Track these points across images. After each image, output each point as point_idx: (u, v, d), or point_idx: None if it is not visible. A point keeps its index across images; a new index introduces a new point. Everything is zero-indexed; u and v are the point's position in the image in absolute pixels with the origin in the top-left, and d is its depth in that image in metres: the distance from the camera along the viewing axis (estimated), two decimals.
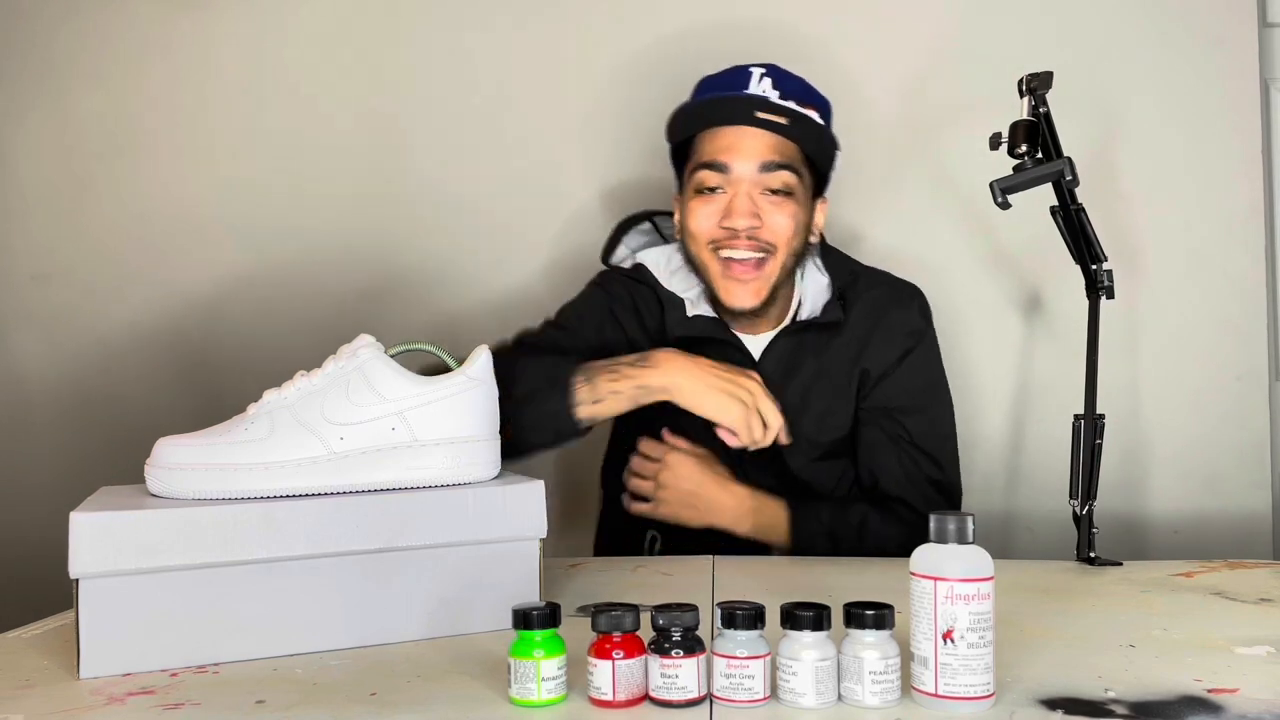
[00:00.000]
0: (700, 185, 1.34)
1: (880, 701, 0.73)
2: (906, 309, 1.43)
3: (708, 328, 1.39)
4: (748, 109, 1.32)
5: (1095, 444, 1.31)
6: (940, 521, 0.74)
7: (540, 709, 0.75)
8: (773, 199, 1.32)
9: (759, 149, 1.32)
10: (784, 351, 1.40)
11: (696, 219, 1.35)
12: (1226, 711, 0.72)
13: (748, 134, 1.32)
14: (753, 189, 1.32)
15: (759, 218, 1.32)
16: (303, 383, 0.97)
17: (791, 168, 1.33)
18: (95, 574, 0.84)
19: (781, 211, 1.33)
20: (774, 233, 1.33)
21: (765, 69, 1.35)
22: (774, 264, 1.34)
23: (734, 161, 1.32)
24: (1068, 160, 1.29)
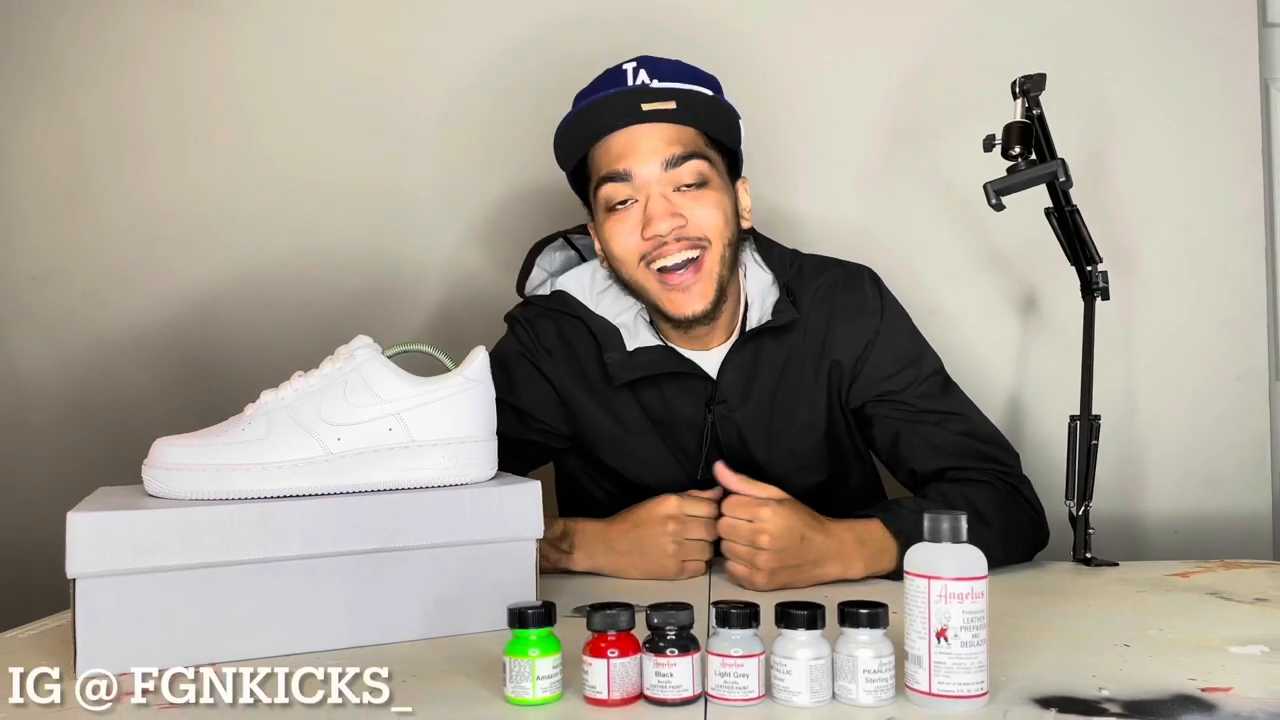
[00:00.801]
0: (609, 202, 1.22)
1: (874, 700, 0.73)
2: (858, 289, 1.32)
3: (654, 361, 1.28)
4: (631, 103, 1.19)
5: (1091, 445, 1.31)
6: (934, 521, 0.75)
7: (535, 708, 0.75)
8: (690, 194, 1.20)
9: (658, 145, 1.20)
10: (742, 364, 1.29)
11: (618, 240, 1.22)
12: (1220, 710, 0.72)
13: (640, 133, 1.20)
14: (664, 189, 1.20)
15: (681, 215, 1.20)
16: (300, 383, 0.97)
17: (699, 154, 1.21)
18: (92, 574, 0.85)
19: (703, 203, 1.21)
20: (701, 226, 1.21)
21: (637, 61, 1.22)
22: (712, 258, 1.22)
23: (635, 166, 1.20)
24: (1061, 161, 1.29)
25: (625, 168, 1.20)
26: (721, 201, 1.23)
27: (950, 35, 1.77)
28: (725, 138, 1.26)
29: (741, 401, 1.29)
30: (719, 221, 1.22)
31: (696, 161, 1.21)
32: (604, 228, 1.24)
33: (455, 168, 1.84)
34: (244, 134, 1.86)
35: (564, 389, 1.33)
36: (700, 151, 1.21)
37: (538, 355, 1.33)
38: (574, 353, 1.32)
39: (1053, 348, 1.72)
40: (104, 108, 1.87)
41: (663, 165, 1.20)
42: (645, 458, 1.32)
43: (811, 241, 1.61)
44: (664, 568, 1.17)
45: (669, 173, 1.20)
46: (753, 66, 1.77)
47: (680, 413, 1.30)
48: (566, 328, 1.33)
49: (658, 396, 1.30)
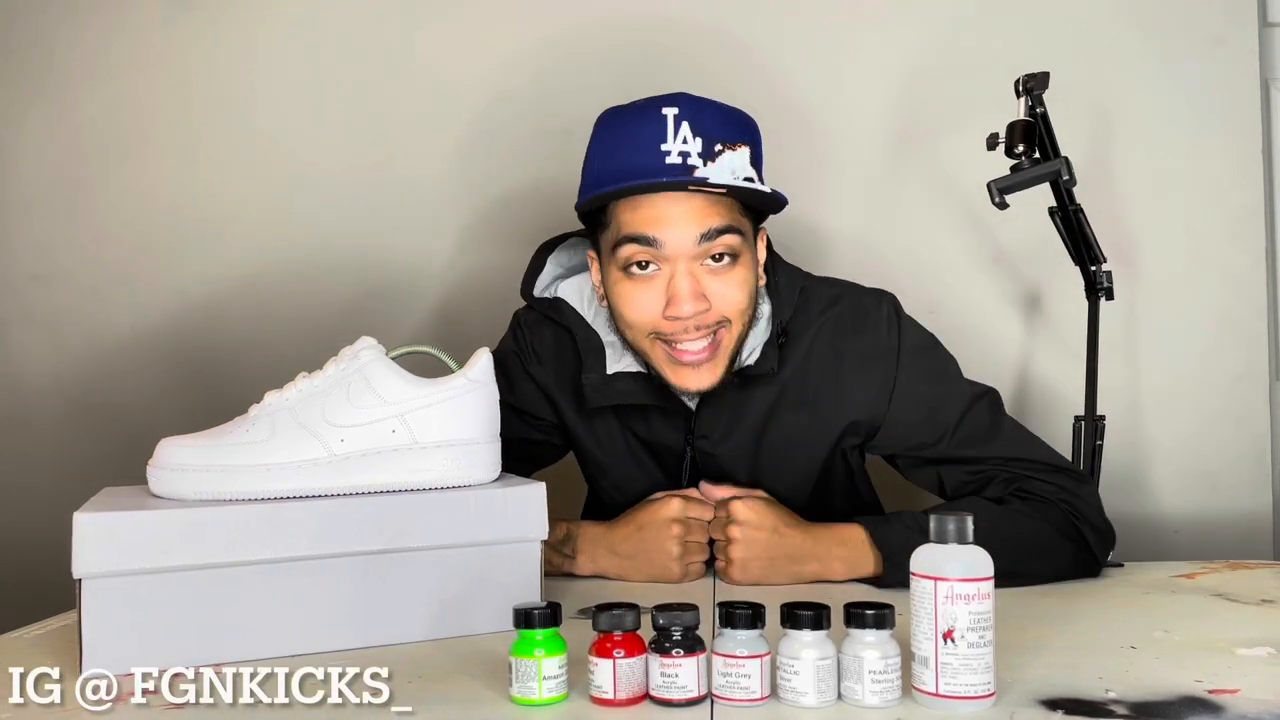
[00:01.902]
0: (628, 262, 1.12)
1: (880, 701, 0.73)
2: (870, 329, 1.23)
3: (629, 391, 1.22)
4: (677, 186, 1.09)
5: (1095, 445, 1.31)
6: (940, 521, 0.75)
7: (541, 708, 0.75)
8: (716, 268, 1.12)
9: (696, 216, 1.10)
10: (723, 403, 1.22)
11: (633, 307, 1.14)
12: (1227, 712, 0.72)
13: (678, 199, 1.10)
14: (693, 264, 1.11)
15: (705, 299, 1.12)
16: (304, 384, 0.97)
17: (734, 229, 1.12)
18: (98, 574, 0.84)
19: (730, 282, 1.13)
20: (723, 309, 1.13)
21: (678, 109, 1.10)
22: (730, 337, 1.15)
23: (667, 235, 1.10)
24: (1064, 160, 1.30)
25: (655, 235, 1.10)
26: (748, 280, 1.15)
27: (953, 35, 1.77)
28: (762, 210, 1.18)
29: (723, 439, 1.25)
30: (743, 302, 1.15)
31: (731, 236, 1.11)
32: (616, 287, 1.16)
33: (459, 168, 1.84)
34: (245, 134, 1.86)
35: (552, 397, 1.32)
36: (736, 225, 1.12)
37: (528, 359, 1.32)
38: (565, 364, 1.29)
39: (1056, 348, 1.72)
40: (104, 108, 1.86)
41: (698, 238, 1.10)
42: (620, 480, 1.31)
43: (813, 242, 1.61)
44: (668, 571, 1.17)
45: (702, 246, 1.11)
46: (754, 67, 1.77)
47: (662, 440, 1.28)
48: (562, 337, 1.30)
49: (642, 420, 1.28)
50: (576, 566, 1.20)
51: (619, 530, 1.20)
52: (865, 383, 1.22)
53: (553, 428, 1.35)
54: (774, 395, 1.23)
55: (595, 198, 1.12)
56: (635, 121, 1.12)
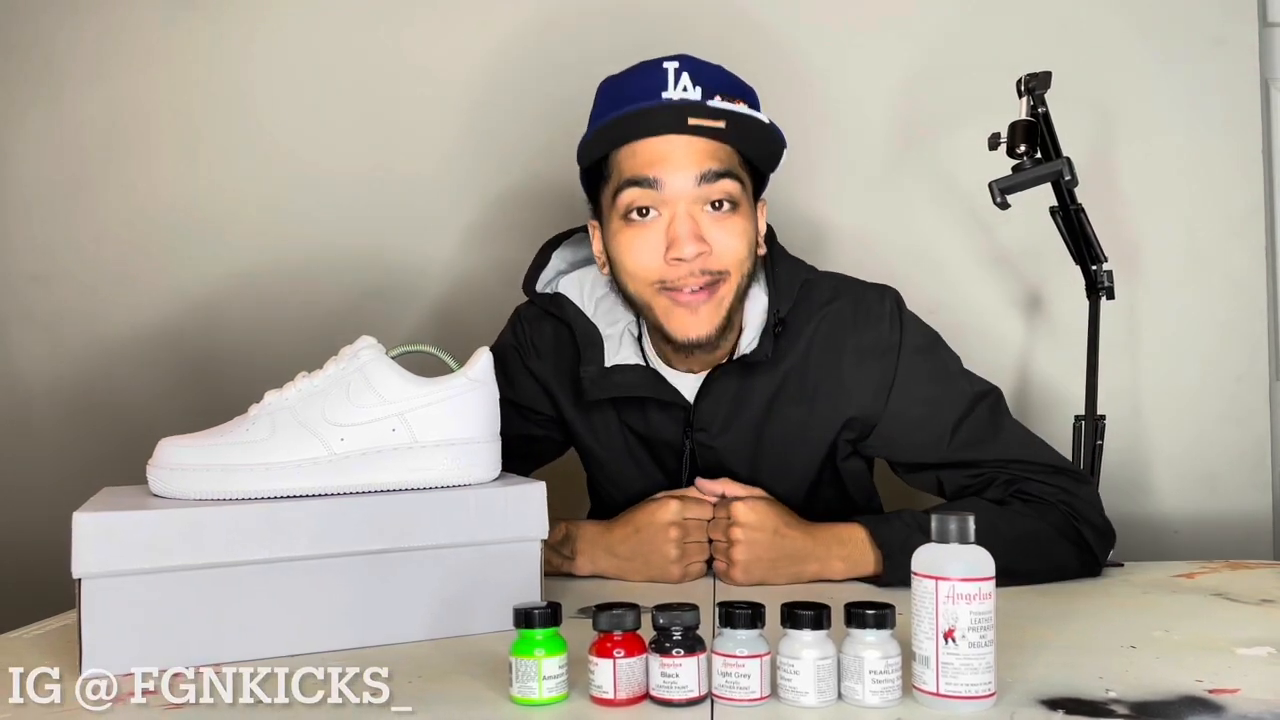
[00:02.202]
0: (629, 208, 1.13)
1: (881, 701, 0.73)
2: (871, 325, 1.22)
3: (628, 384, 1.22)
4: (679, 117, 1.10)
5: (1096, 445, 1.31)
6: (942, 521, 0.74)
7: (541, 707, 0.75)
8: (716, 215, 1.13)
9: (695, 156, 1.11)
10: (723, 393, 1.23)
11: (635, 255, 1.14)
12: (1227, 712, 0.72)
13: (678, 142, 1.11)
14: (693, 206, 1.12)
15: (706, 242, 1.12)
16: (304, 384, 0.97)
17: (733, 174, 1.13)
18: (98, 574, 0.84)
19: (729, 230, 1.13)
20: (723, 257, 1.13)
21: (679, 63, 1.12)
22: (727, 288, 1.15)
23: (667, 175, 1.11)
24: (1066, 160, 1.30)
25: (655, 175, 1.11)
26: (747, 230, 1.16)
27: (954, 35, 1.77)
28: (764, 164, 1.19)
29: (722, 431, 1.24)
30: (742, 253, 1.15)
31: (730, 181, 1.13)
32: (617, 237, 1.16)
33: (459, 167, 1.84)
34: (245, 133, 1.86)
35: (551, 391, 1.32)
36: (735, 171, 1.14)
37: (527, 353, 1.32)
38: (563, 359, 1.29)
39: (1057, 347, 1.72)
40: (104, 108, 1.86)
41: (697, 179, 1.11)
42: (618, 476, 1.31)
43: (814, 241, 1.61)
44: (666, 572, 1.17)
45: (701, 188, 1.12)
46: (755, 67, 1.77)
47: (660, 434, 1.27)
48: (562, 332, 1.30)
49: (639, 414, 1.27)
50: (575, 567, 1.20)
51: (617, 531, 1.19)
52: (864, 379, 1.21)
53: (552, 423, 1.34)
54: (773, 388, 1.23)
55: (597, 135, 1.13)
56: (636, 75, 1.15)
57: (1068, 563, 1.16)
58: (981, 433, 1.21)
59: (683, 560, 1.17)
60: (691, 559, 1.17)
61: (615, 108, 1.13)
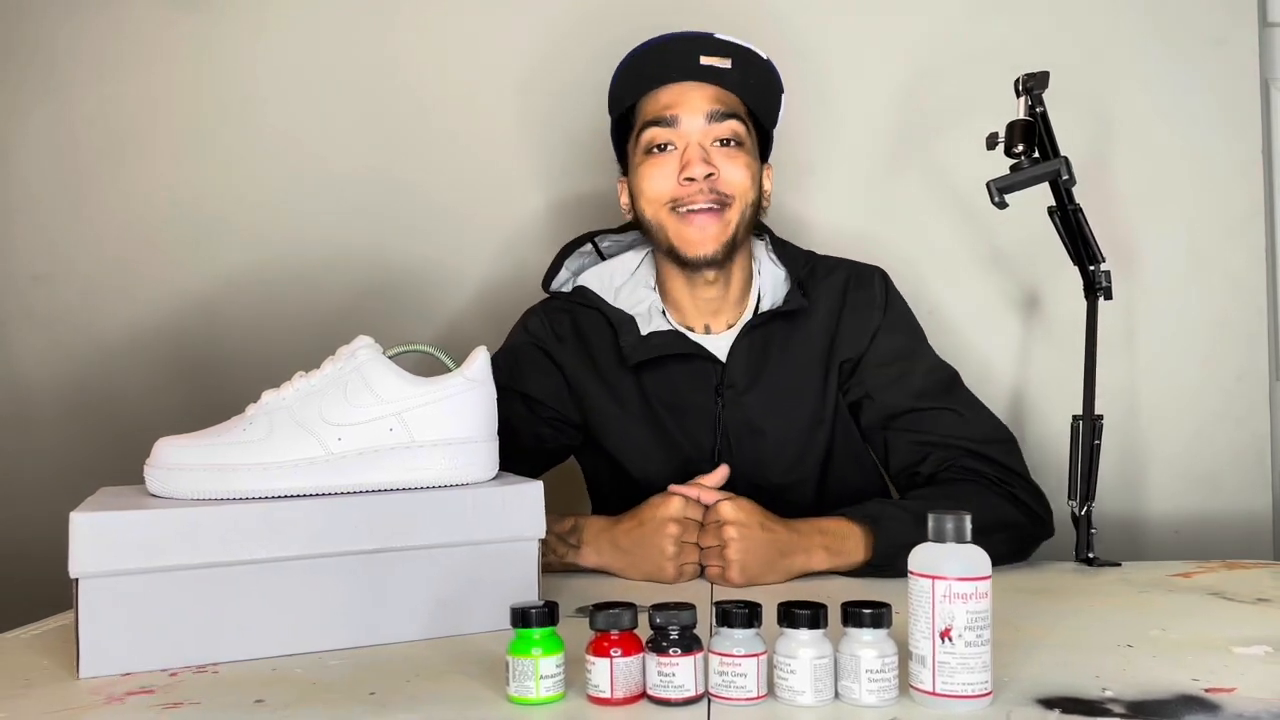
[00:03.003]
0: (650, 144, 1.31)
1: (877, 700, 0.73)
2: (867, 287, 1.39)
3: (665, 343, 1.34)
4: (690, 52, 1.31)
5: (1094, 445, 1.31)
6: (938, 520, 0.75)
7: (538, 707, 0.75)
8: (724, 150, 1.30)
9: (704, 100, 1.30)
10: (749, 348, 1.34)
11: (651, 180, 1.31)
12: (1223, 711, 0.72)
13: (691, 88, 1.31)
14: (704, 139, 1.30)
15: (714, 166, 1.29)
16: (301, 384, 0.97)
17: (738, 116, 1.31)
18: (95, 574, 0.84)
19: (735, 162, 1.30)
20: (730, 183, 1.30)
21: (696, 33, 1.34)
22: (733, 212, 1.30)
23: (682, 114, 1.30)
24: (1064, 159, 1.30)
25: (672, 114, 1.30)
26: (751, 165, 1.32)
27: (952, 34, 1.77)
28: (765, 112, 1.36)
29: (749, 385, 1.33)
30: (746, 182, 1.30)
31: (735, 122, 1.30)
32: (640, 169, 1.32)
33: (457, 166, 1.84)
34: (245, 133, 1.86)
35: (573, 375, 1.37)
36: (740, 114, 1.31)
37: (548, 342, 1.38)
38: (586, 342, 1.37)
39: (1055, 347, 1.72)
40: (104, 108, 1.86)
41: (706, 117, 1.29)
42: (646, 448, 1.35)
43: (814, 241, 1.61)
44: (662, 570, 1.17)
45: (711, 125, 1.29)
46: None
47: (690, 399, 1.34)
48: (582, 320, 1.38)
49: (667, 382, 1.34)
50: (580, 557, 1.21)
51: (623, 524, 1.20)
52: (856, 326, 1.36)
53: (563, 422, 1.38)
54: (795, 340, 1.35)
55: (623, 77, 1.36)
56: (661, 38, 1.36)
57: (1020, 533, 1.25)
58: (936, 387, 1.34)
59: (678, 559, 1.17)
60: (687, 558, 1.18)
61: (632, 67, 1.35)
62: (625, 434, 1.36)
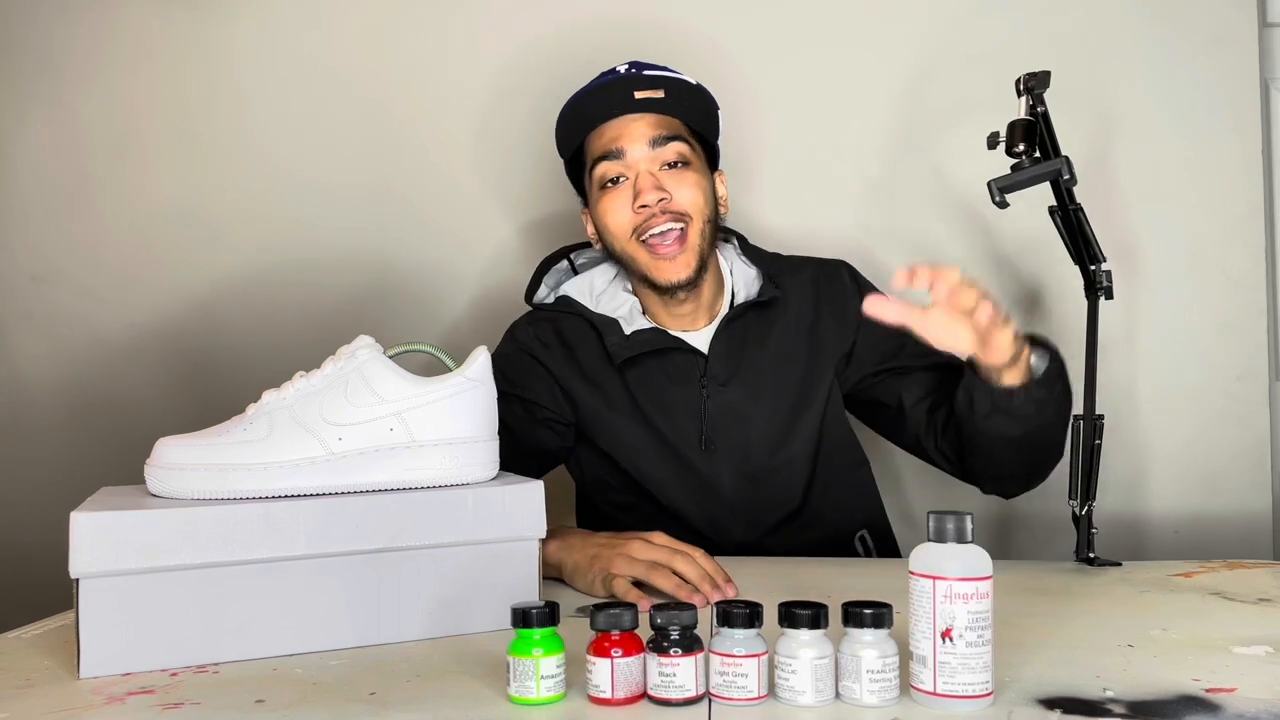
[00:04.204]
0: (603, 179, 1.36)
1: (878, 700, 0.73)
2: (837, 279, 1.45)
3: (649, 340, 1.38)
4: (626, 91, 1.35)
5: (1094, 444, 1.31)
6: (939, 521, 0.75)
7: (539, 707, 0.75)
8: (672, 173, 1.35)
9: (645, 129, 1.35)
10: (731, 338, 1.39)
11: (612, 214, 1.36)
12: (1224, 711, 0.72)
13: (630, 120, 1.35)
14: (651, 166, 1.34)
15: (665, 190, 1.33)
16: (301, 383, 0.97)
17: (681, 138, 1.36)
18: (95, 574, 0.84)
19: (684, 183, 1.34)
20: (683, 203, 1.34)
21: (629, 64, 1.39)
22: (693, 232, 1.35)
23: (626, 145, 1.34)
24: (1065, 159, 1.29)
25: (618, 147, 1.34)
26: (700, 182, 1.36)
27: (953, 34, 1.77)
28: (705, 128, 1.41)
29: (731, 375, 1.37)
30: (699, 199, 1.35)
31: (678, 144, 1.35)
32: (599, 206, 1.37)
33: (456, 167, 1.84)
34: (244, 133, 1.86)
35: (562, 379, 1.40)
36: (682, 136, 1.36)
37: (535, 349, 1.41)
38: (571, 348, 1.40)
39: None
40: (104, 108, 1.87)
41: (649, 144, 1.34)
42: (637, 444, 1.38)
43: (813, 241, 1.61)
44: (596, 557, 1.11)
45: (655, 151, 1.34)
46: (754, 66, 1.78)
47: (675, 393, 1.37)
48: (566, 327, 1.42)
49: (652, 379, 1.38)
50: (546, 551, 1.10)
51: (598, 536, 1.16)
52: (838, 321, 1.42)
53: (559, 423, 1.39)
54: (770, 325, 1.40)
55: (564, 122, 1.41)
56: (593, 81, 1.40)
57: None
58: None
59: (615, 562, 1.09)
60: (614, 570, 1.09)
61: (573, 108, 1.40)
62: (616, 433, 1.38)
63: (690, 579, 1.06)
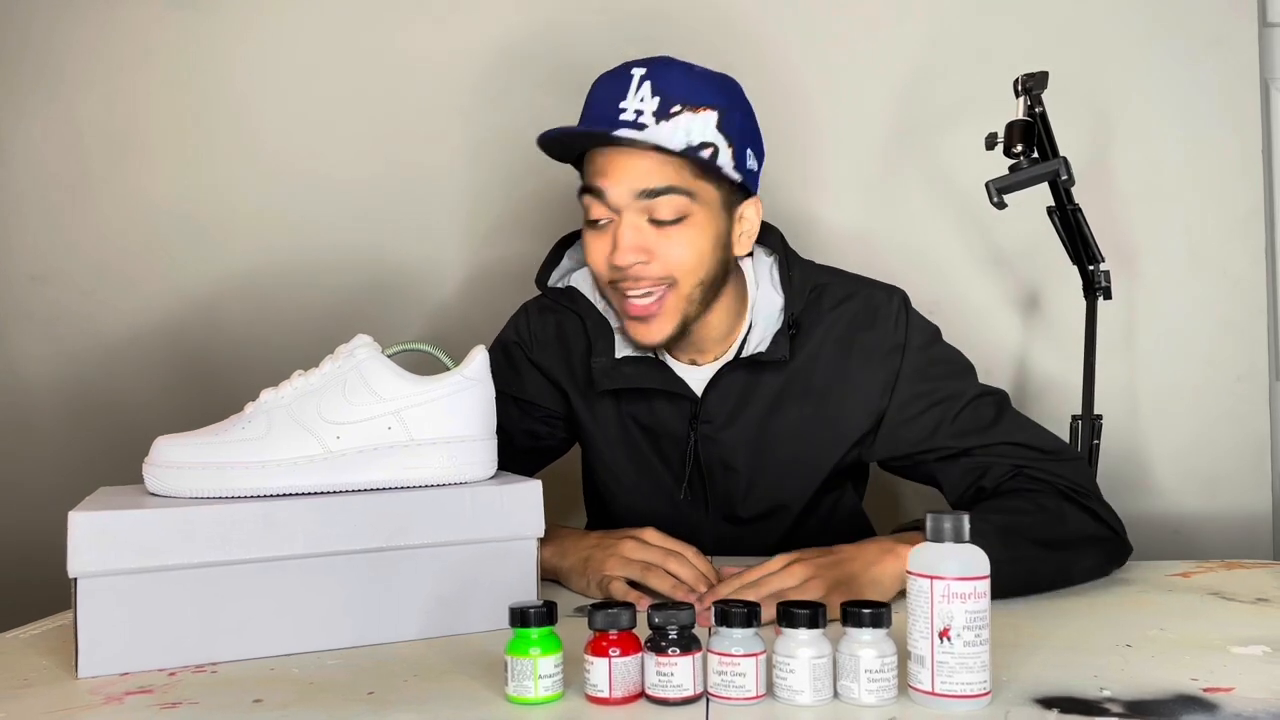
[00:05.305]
0: (587, 213, 1.16)
1: (876, 700, 0.73)
2: (880, 324, 1.23)
3: (636, 375, 1.23)
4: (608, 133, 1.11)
5: (1093, 444, 1.31)
6: (937, 521, 0.75)
7: (537, 706, 0.75)
8: (663, 230, 1.12)
9: (636, 173, 1.11)
10: (731, 387, 1.23)
11: (592, 256, 1.17)
12: (1221, 710, 0.72)
13: (620, 153, 1.12)
14: (636, 219, 1.12)
15: (648, 251, 1.12)
16: (300, 382, 0.97)
17: (680, 190, 1.11)
18: (94, 573, 0.84)
19: (675, 242, 1.13)
20: (668, 266, 1.13)
21: (646, 69, 1.12)
22: (676, 297, 1.15)
23: (610, 186, 1.12)
24: (1063, 160, 1.30)
25: (600, 185, 1.13)
26: (697, 239, 1.14)
27: (952, 34, 1.77)
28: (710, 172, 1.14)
29: (727, 424, 1.24)
30: (689, 261, 1.14)
31: (675, 198, 1.12)
32: (584, 236, 1.19)
33: (456, 166, 1.84)
34: (244, 133, 1.86)
35: (555, 380, 1.32)
36: (682, 186, 1.12)
37: (530, 346, 1.32)
38: (568, 350, 1.30)
39: (1055, 347, 1.72)
40: (104, 108, 1.87)
41: (635, 195, 1.11)
42: (616, 466, 1.30)
43: (811, 241, 1.61)
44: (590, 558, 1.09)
45: (642, 202, 1.12)
46: (753, 66, 1.77)
47: (666, 426, 1.27)
48: (567, 324, 1.31)
49: (645, 406, 1.27)
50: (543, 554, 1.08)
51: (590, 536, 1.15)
52: (870, 378, 1.22)
53: (555, 418, 1.33)
54: (780, 384, 1.23)
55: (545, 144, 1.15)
56: (607, 80, 1.16)
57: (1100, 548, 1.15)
58: (981, 420, 1.19)
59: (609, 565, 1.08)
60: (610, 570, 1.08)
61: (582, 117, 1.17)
62: (599, 450, 1.31)
63: (685, 579, 1.05)
